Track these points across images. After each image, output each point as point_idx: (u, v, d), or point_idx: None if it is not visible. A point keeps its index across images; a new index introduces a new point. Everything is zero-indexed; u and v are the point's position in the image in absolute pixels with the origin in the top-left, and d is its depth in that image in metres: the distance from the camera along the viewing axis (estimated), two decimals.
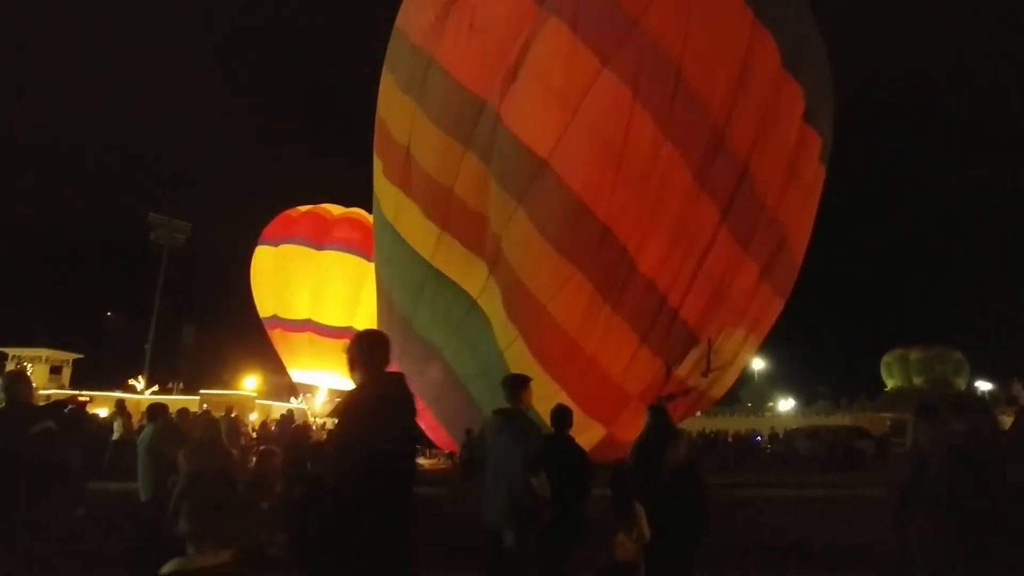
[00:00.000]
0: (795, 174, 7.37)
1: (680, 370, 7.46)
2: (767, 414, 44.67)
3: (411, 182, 7.94)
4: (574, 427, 7.04)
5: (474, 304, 7.58)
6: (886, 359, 53.19)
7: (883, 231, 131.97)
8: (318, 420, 21.94)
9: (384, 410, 2.52)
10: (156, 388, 35.23)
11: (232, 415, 11.32)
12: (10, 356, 37.62)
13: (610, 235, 6.46)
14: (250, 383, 36.13)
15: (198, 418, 7.75)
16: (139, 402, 24.03)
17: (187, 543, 1.93)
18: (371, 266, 13.48)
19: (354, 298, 20.48)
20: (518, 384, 4.24)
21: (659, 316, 6.86)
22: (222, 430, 5.47)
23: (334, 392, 23.42)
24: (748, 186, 6.84)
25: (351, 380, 2.70)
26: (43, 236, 74.86)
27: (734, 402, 50.81)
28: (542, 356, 7.00)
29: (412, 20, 7.69)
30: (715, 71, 6.37)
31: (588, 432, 7.28)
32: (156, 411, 6.12)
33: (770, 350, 54.10)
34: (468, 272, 7.51)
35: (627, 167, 6.33)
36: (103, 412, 18.80)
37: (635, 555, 3.56)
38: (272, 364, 26.18)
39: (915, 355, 51.15)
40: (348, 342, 2.81)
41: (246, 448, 9.62)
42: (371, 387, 2.62)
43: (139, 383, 34.91)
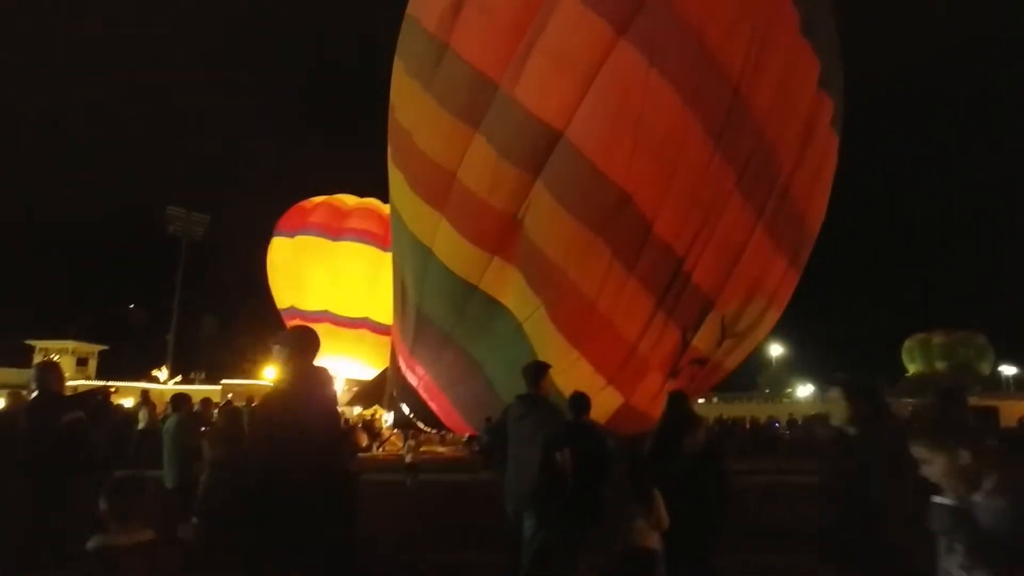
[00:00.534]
0: (809, 141, 7.30)
1: (697, 340, 7.45)
2: (785, 400, 44.31)
3: (412, 167, 7.96)
4: (594, 395, 7.16)
5: (475, 288, 7.61)
6: (908, 344, 52.41)
7: (905, 212, 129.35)
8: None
9: (296, 405, 2.61)
10: (179, 378, 35.96)
11: (253, 405, 11.53)
12: (38, 348, 38.60)
13: (628, 201, 6.46)
14: (270, 373, 36.69)
15: (221, 408, 7.90)
16: (162, 392, 24.54)
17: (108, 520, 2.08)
18: (387, 256, 13.56)
19: (370, 288, 20.60)
20: (538, 371, 4.33)
21: (675, 281, 6.87)
22: (244, 419, 5.58)
23: (351, 381, 23.68)
24: (764, 152, 6.79)
25: (277, 375, 2.81)
26: (66, 231, 76.36)
27: (751, 388, 50.55)
28: (563, 324, 7.05)
29: (425, 5, 7.66)
30: (735, 35, 6.29)
31: (606, 400, 7.35)
32: (180, 401, 6.25)
33: (788, 336, 53.60)
34: (467, 258, 7.52)
35: (644, 133, 6.31)
36: (128, 402, 19.23)
37: (654, 541, 3.57)
38: None
39: (938, 340, 50.30)
40: (278, 337, 2.91)
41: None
42: (289, 382, 2.73)
43: (162, 374, 35.66)
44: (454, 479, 12.14)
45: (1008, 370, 49.32)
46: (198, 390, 26.42)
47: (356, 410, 21.93)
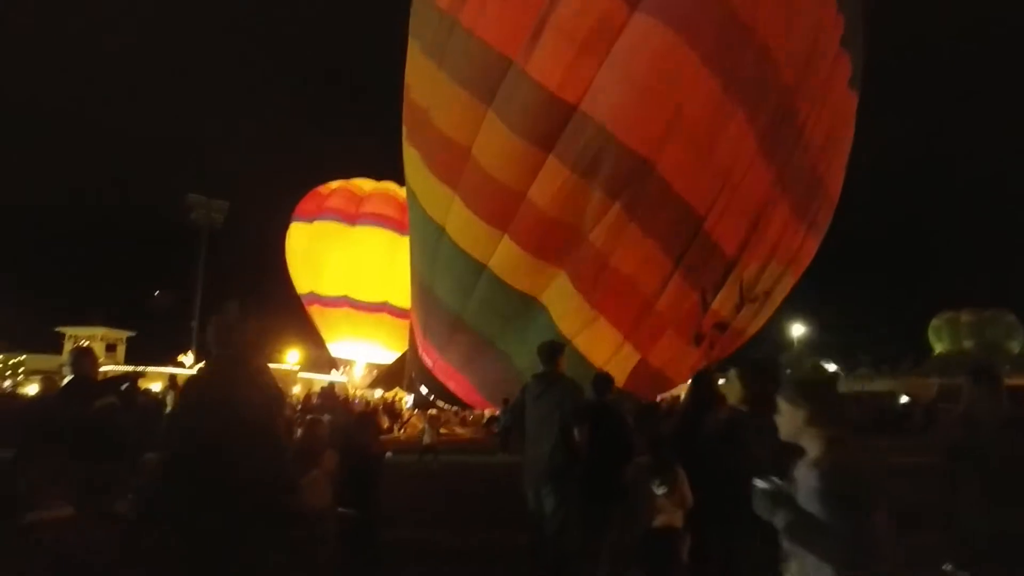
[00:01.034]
0: (828, 100, 7.16)
1: (716, 303, 7.41)
2: None
3: (428, 145, 7.94)
4: (612, 353, 7.14)
5: (484, 268, 7.62)
6: (935, 322, 51.30)
7: (932, 188, 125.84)
8: (358, 392, 22.58)
9: (215, 390, 2.67)
10: (203, 363, 36.63)
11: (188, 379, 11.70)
12: (68, 335, 39.68)
13: (646, 165, 6.41)
14: (292, 357, 37.30)
15: None
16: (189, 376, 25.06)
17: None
18: (404, 240, 13.61)
19: (388, 272, 20.73)
20: (554, 349, 4.38)
21: (694, 241, 6.83)
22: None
23: (372, 365, 23.99)
24: (785, 112, 6.65)
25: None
26: (92, 219, 77.90)
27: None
28: (582, 285, 7.07)
29: None
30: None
31: (624, 358, 7.42)
32: None
33: (810, 315, 52.83)
34: (477, 236, 7.51)
35: (660, 99, 6.23)
36: (156, 387, 19.74)
37: (677, 519, 3.57)
38: (312, 338, 26.89)
39: (966, 318, 49.16)
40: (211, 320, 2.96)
41: (290, 419, 10.02)
42: (208, 368, 2.84)
43: (188, 359, 36.42)
44: (474, 460, 12.28)
45: None
46: None
47: (377, 393, 22.25)
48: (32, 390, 22.82)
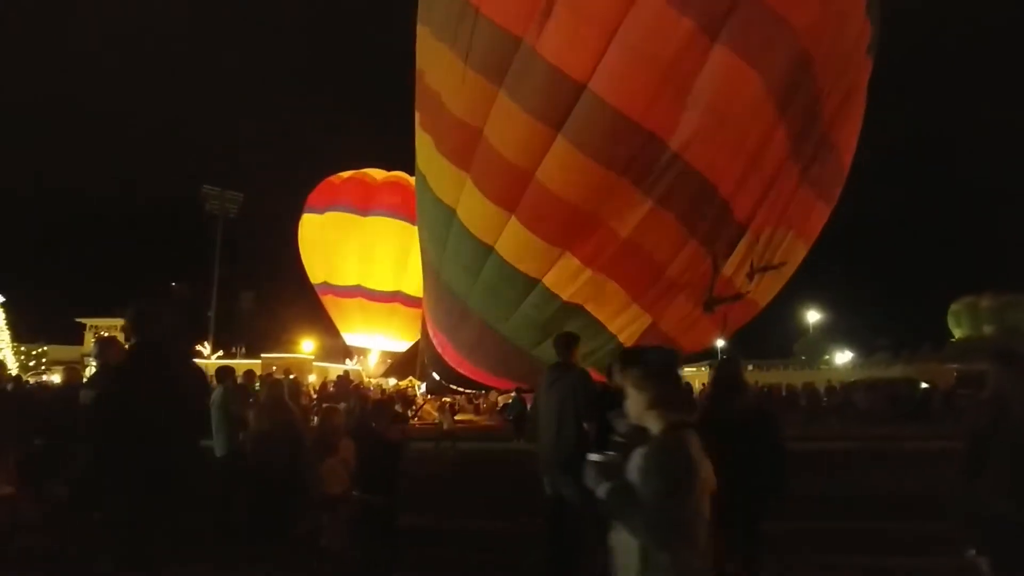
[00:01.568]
0: (847, 68, 6.99)
1: (728, 270, 7.36)
2: (823, 367, 43.45)
3: (440, 128, 7.90)
4: (625, 318, 7.07)
5: (491, 251, 7.60)
6: (954, 307, 50.50)
7: (951, 171, 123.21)
8: (372, 380, 22.80)
9: (131, 379, 2.73)
10: (221, 353, 37.25)
11: (291, 377, 11.89)
12: (88, 326, 40.44)
13: (653, 138, 6.32)
14: (308, 346, 37.72)
15: (264, 380, 8.16)
16: (207, 366, 25.49)
17: None
18: (416, 230, 13.62)
19: (401, 262, 20.82)
20: (570, 340, 4.41)
21: (706, 208, 6.75)
22: (285, 391, 5.76)
23: (386, 354, 24.17)
24: (808, 78, 6.49)
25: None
26: (110, 211, 78.99)
27: (788, 355, 49.71)
28: (589, 258, 7.04)
29: None
30: None
31: (635, 320, 7.44)
32: (224, 373, 6.47)
33: (825, 302, 52.25)
34: (484, 216, 7.47)
35: (669, 73, 6.11)
36: None
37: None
38: (327, 327, 27.15)
39: (986, 303, 48.31)
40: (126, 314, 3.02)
41: (306, 408, 10.17)
42: (126, 357, 2.90)
43: (205, 348, 36.98)
44: (491, 447, 12.37)
45: None
46: (239, 363, 27.38)
47: (391, 382, 22.45)
48: (55, 380, 23.33)
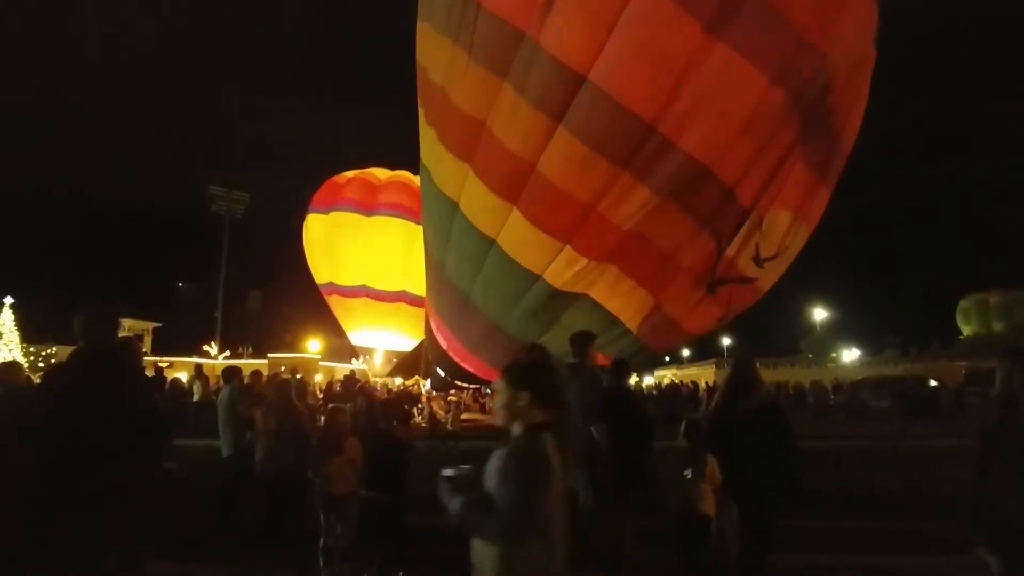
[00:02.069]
0: (852, 57, 6.93)
1: (730, 249, 7.33)
2: (830, 365, 43.20)
3: (444, 122, 7.89)
4: (627, 301, 7.04)
5: (492, 244, 7.58)
6: (963, 304, 50.18)
7: (959, 165, 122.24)
8: (378, 380, 22.85)
9: (77, 380, 2.72)
10: (228, 353, 37.42)
11: (298, 376, 11.94)
12: None
13: (654, 130, 6.30)
14: (314, 346, 37.84)
15: (271, 380, 8.17)
16: (214, 366, 25.61)
17: None
18: (420, 229, 13.63)
19: (406, 261, 20.81)
20: (585, 339, 4.44)
21: (709, 195, 6.70)
22: (293, 391, 5.77)
23: (391, 353, 24.21)
24: (813, 66, 6.42)
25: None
26: (116, 212, 79.49)
27: (795, 353, 49.46)
28: (589, 249, 7.00)
29: None
30: None
31: (638, 303, 7.41)
32: (231, 373, 6.50)
33: (833, 299, 51.95)
34: (486, 208, 7.45)
35: (670, 65, 6.08)
36: (183, 376, 20.20)
37: (708, 506, 3.56)
38: (333, 327, 27.19)
39: (995, 299, 47.96)
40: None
41: (313, 407, 10.20)
42: (70, 362, 2.85)
43: (212, 348, 37.18)
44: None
45: None
46: (246, 364, 27.50)
47: (397, 380, 22.49)
48: None
